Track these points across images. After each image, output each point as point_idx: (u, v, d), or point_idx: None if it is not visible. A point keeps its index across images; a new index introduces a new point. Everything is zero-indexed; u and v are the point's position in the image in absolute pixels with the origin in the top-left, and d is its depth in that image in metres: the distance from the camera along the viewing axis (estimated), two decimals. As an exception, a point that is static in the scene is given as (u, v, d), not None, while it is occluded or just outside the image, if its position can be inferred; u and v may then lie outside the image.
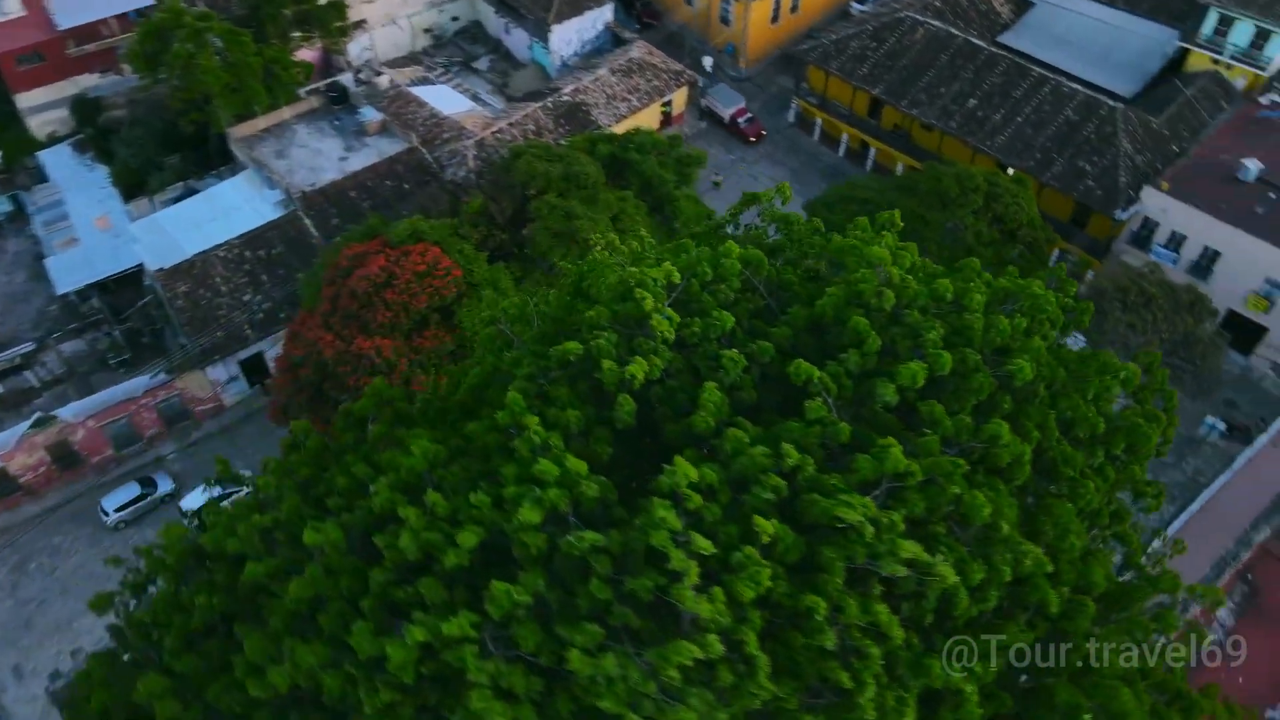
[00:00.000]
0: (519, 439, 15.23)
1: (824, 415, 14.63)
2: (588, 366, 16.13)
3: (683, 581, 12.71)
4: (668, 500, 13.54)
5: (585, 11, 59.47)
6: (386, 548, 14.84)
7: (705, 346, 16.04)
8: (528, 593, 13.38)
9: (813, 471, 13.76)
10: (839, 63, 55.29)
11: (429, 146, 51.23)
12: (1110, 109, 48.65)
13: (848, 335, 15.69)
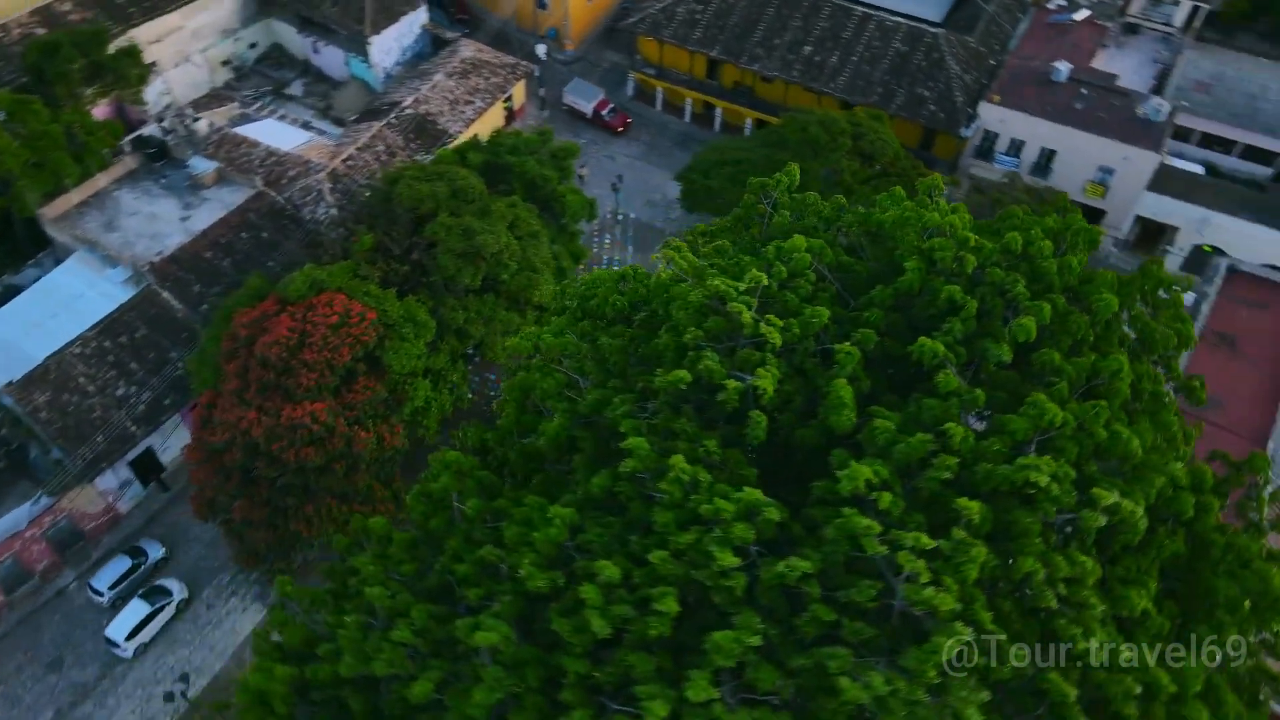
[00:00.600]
0: (665, 481, 14.65)
1: (957, 386, 15.02)
2: (691, 391, 15.69)
3: (916, 581, 12.76)
4: (852, 506, 13.49)
5: (400, 17, 56.72)
6: (576, 631, 13.91)
7: (805, 344, 15.97)
8: (754, 634, 13.01)
9: (973, 442, 14.14)
10: (671, 30, 55.70)
11: (277, 188, 47.59)
12: (933, 35, 51.81)
13: (940, 304, 16.13)
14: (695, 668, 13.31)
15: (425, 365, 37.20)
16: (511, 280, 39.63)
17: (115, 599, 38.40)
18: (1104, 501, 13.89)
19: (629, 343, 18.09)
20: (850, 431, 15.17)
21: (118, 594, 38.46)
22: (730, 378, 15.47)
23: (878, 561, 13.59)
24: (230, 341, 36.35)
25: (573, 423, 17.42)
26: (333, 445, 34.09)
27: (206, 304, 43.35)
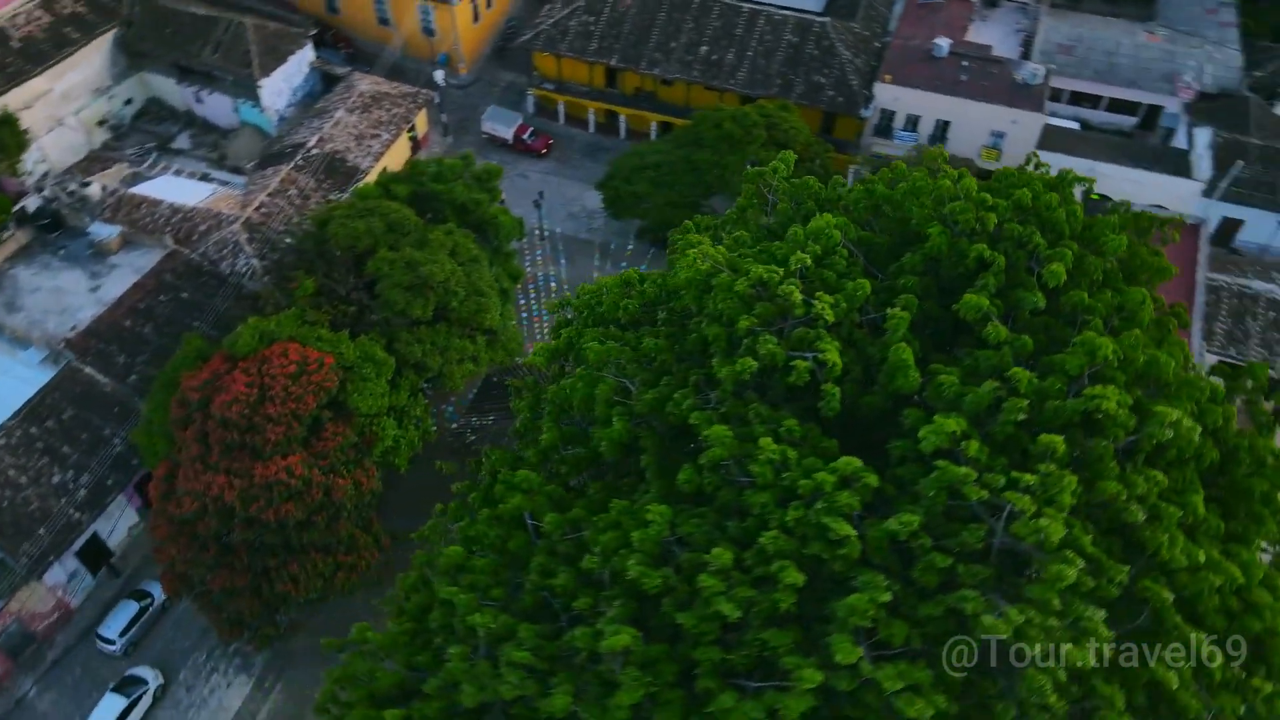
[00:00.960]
0: (756, 464, 15.06)
1: (1006, 335, 16.03)
2: (750, 376, 16.18)
3: (1023, 518, 13.57)
4: (942, 459, 14.25)
5: (288, 57, 55.23)
6: (702, 620, 14.11)
7: (851, 317, 16.69)
8: (884, 592, 13.55)
9: (1036, 383, 15.13)
10: (567, 43, 56.13)
11: (189, 245, 45.65)
12: (821, 24, 54.01)
13: (970, 263, 17.14)
14: (825, 636, 13.80)
15: (389, 403, 36.40)
16: (461, 307, 39.16)
17: (128, 645, 37.18)
18: (1169, 419, 15.21)
19: (668, 341, 18.46)
20: (914, 392, 16.01)
21: (130, 640, 37.24)
22: (792, 357, 16.07)
23: (973, 506, 14.39)
24: (181, 407, 34.71)
25: (631, 425, 17.64)
26: (311, 497, 33.03)
27: (135, 374, 41.24)
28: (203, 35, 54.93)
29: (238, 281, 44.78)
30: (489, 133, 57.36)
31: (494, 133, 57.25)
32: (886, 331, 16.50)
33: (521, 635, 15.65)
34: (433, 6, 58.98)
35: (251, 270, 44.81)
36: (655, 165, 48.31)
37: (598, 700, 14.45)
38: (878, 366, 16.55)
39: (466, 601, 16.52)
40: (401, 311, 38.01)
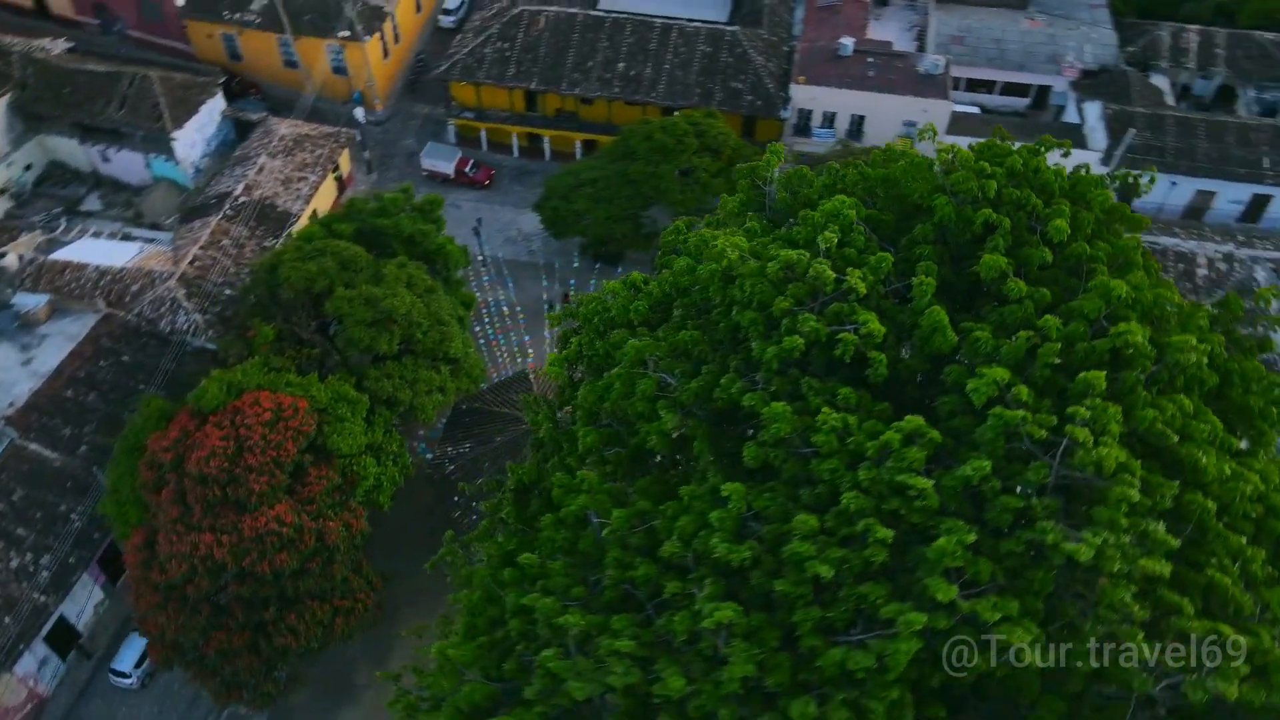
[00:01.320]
0: (820, 434, 15.82)
1: (1026, 290, 17.27)
2: (790, 355, 16.98)
3: (1081, 449, 14.67)
4: (996, 406, 15.32)
5: (200, 107, 53.94)
6: (796, 585, 14.69)
7: (877, 288, 17.67)
8: (968, 534, 14.43)
9: (1064, 328, 16.36)
10: (484, 71, 56.42)
11: (123, 307, 44.06)
12: (732, 33, 55.83)
13: (977, 229, 18.37)
14: (914, 584, 14.61)
15: (367, 441, 35.91)
16: (425, 338, 38.95)
17: (144, 677, 36.91)
18: (1188, 346, 16.70)
19: (700, 332, 19.12)
20: (951, 351, 17.08)
21: (145, 671, 37.20)
22: (834, 331, 16.95)
23: (1029, 447, 15.50)
24: (151, 470, 33.55)
25: (679, 415, 18.19)
26: (304, 544, 32.34)
27: (85, 446, 39.57)
28: (105, 92, 53.11)
29: (180, 339, 43.40)
30: (430, 169, 57.01)
31: (435, 169, 56.95)
32: (913, 299, 17.57)
33: (616, 627, 15.96)
34: (343, 46, 58.41)
35: (194, 326, 43.53)
36: (591, 181, 49.01)
37: (706, 676, 14.91)
38: (909, 332, 17.59)
39: (550, 605, 16.70)
40: (368, 348, 37.62)
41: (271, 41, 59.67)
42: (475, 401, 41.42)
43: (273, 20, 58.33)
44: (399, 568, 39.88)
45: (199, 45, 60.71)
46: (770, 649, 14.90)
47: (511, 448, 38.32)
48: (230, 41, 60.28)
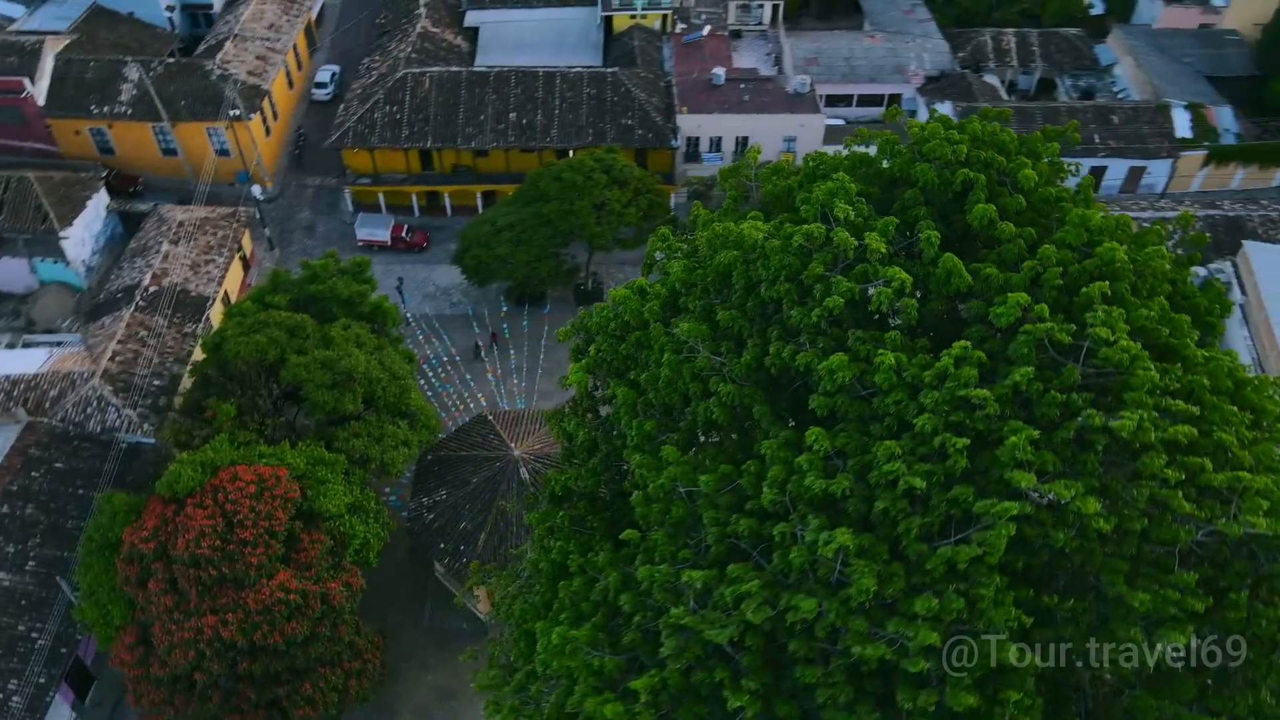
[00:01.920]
0: (877, 374, 17.92)
1: (1014, 230, 20.03)
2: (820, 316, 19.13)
3: (1103, 348, 17.29)
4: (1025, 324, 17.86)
5: (86, 203, 52.10)
6: (894, 502, 16.52)
7: (889, 249, 20.04)
8: (1031, 430, 16.69)
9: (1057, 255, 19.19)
10: (377, 136, 57.06)
11: (44, 414, 42.02)
12: (612, 74, 58.81)
13: (956, 187, 21.12)
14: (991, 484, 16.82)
15: (349, 501, 35.72)
16: (385, 393, 39.19)
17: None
18: (1160, 256, 19.89)
19: (737, 311, 20.99)
20: (967, 290, 19.61)
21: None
22: (864, 289, 19.19)
23: (1054, 355, 18.10)
24: (132, 565, 32.35)
25: (736, 386, 19.88)
26: (312, 609, 31.88)
27: (34, 560, 37.47)
28: (-20, 199, 50.56)
29: (110, 438, 41.75)
30: (367, 239, 56.96)
31: (372, 238, 56.97)
32: (921, 253, 20.07)
33: (733, 575, 17.36)
34: (226, 127, 57.75)
35: (128, 421, 41.98)
36: (509, 226, 50.36)
37: (833, 597, 16.52)
38: (924, 283, 20.04)
39: (664, 570, 17.87)
40: (332, 410, 37.52)
41: (146, 131, 58.33)
42: (439, 451, 41.65)
43: (146, 110, 57.12)
44: (392, 624, 39.51)
45: (65, 143, 58.58)
46: (883, 562, 16.75)
47: (489, 486, 38.82)
48: (100, 135, 58.47)
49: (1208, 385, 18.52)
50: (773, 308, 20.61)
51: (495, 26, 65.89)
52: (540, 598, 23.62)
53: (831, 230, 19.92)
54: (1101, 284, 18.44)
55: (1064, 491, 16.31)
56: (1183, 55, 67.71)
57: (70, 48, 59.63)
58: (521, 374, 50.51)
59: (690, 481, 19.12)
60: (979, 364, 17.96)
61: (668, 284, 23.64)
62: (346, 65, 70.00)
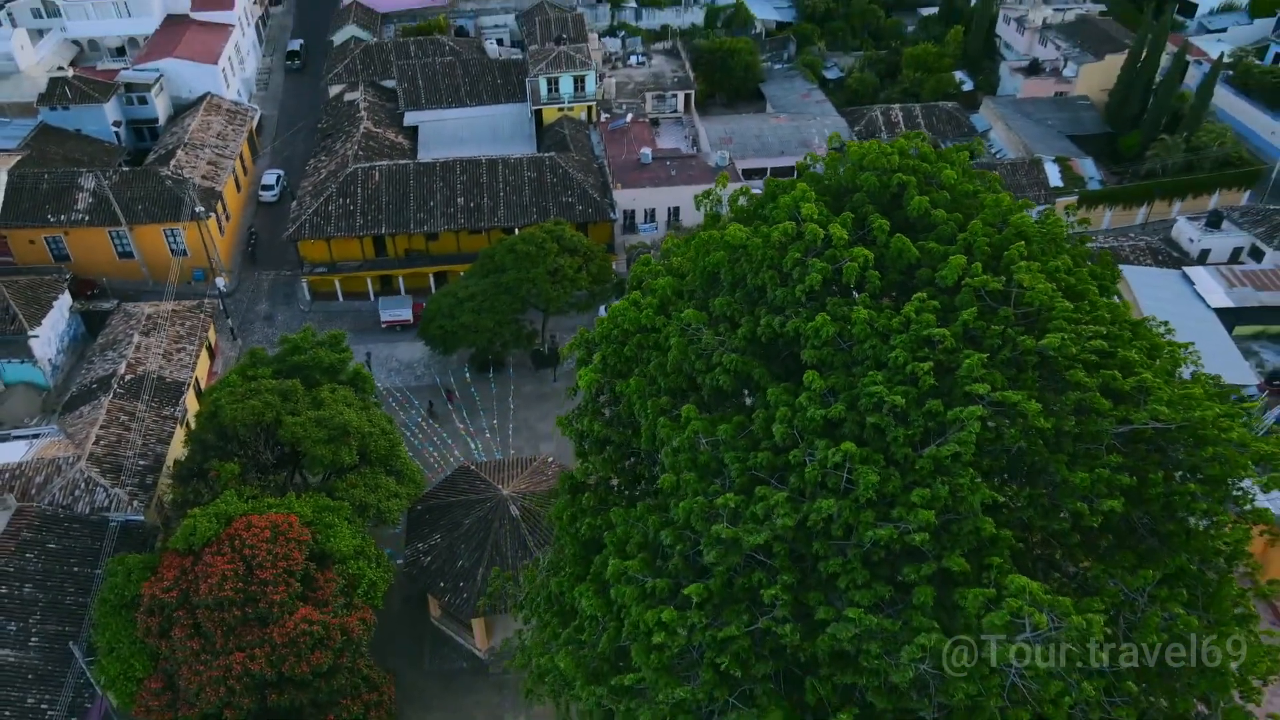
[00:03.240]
0: (855, 327, 22.11)
1: (946, 216, 24.71)
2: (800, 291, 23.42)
3: (1033, 285, 21.86)
4: (966, 292, 22.42)
5: (53, 304, 53.63)
6: (882, 418, 20.40)
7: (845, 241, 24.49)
8: (981, 354, 20.92)
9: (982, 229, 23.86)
10: (333, 226, 60.47)
11: (33, 498, 42.91)
12: (550, 158, 63.97)
13: (893, 188, 25.84)
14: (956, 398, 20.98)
15: (356, 545, 37.76)
16: (377, 447, 41.68)
17: None
18: (1063, 224, 24.84)
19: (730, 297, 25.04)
20: (915, 263, 24.09)
21: None
22: (835, 268, 23.49)
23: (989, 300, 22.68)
24: (153, 616, 33.68)
25: (737, 356, 23.68)
26: (333, 642, 33.62)
27: (36, 637, 37.99)
28: (-55, 306, 51.65)
29: (100, 518, 42.82)
30: (391, 321, 60.18)
31: (395, 319, 60.11)
32: (875, 239, 24.64)
33: (760, 494, 20.77)
34: (183, 228, 60.32)
35: (116, 500, 43.17)
36: (470, 296, 53.99)
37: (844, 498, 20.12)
38: (881, 260, 24.54)
39: (700, 504, 21.15)
40: (331, 463, 39.81)
41: (103, 236, 60.43)
42: (428, 501, 43.94)
43: (103, 215, 59.42)
44: (393, 668, 40.91)
45: (19, 252, 60.12)
46: (880, 466, 20.48)
47: (482, 525, 41.28)
48: (56, 243, 60.26)
49: (1109, 318, 23.39)
50: (758, 293, 24.83)
51: (433, 125, 70.81)
52: (570, 575, 26.56)
53: (802, 225, 24.39)
54: (1019, 245, 23.34)
55: (1012, 397, 20.62)
56: (1045, 119, 77.12)
57: (22, 163, 61.74)
58: (494, 431, 53.32)
59: (710, 432, 22.79)
60: (934, 310, 22.44)
61: (658, 295, 27.70)
62: (289, 169, 73.70)
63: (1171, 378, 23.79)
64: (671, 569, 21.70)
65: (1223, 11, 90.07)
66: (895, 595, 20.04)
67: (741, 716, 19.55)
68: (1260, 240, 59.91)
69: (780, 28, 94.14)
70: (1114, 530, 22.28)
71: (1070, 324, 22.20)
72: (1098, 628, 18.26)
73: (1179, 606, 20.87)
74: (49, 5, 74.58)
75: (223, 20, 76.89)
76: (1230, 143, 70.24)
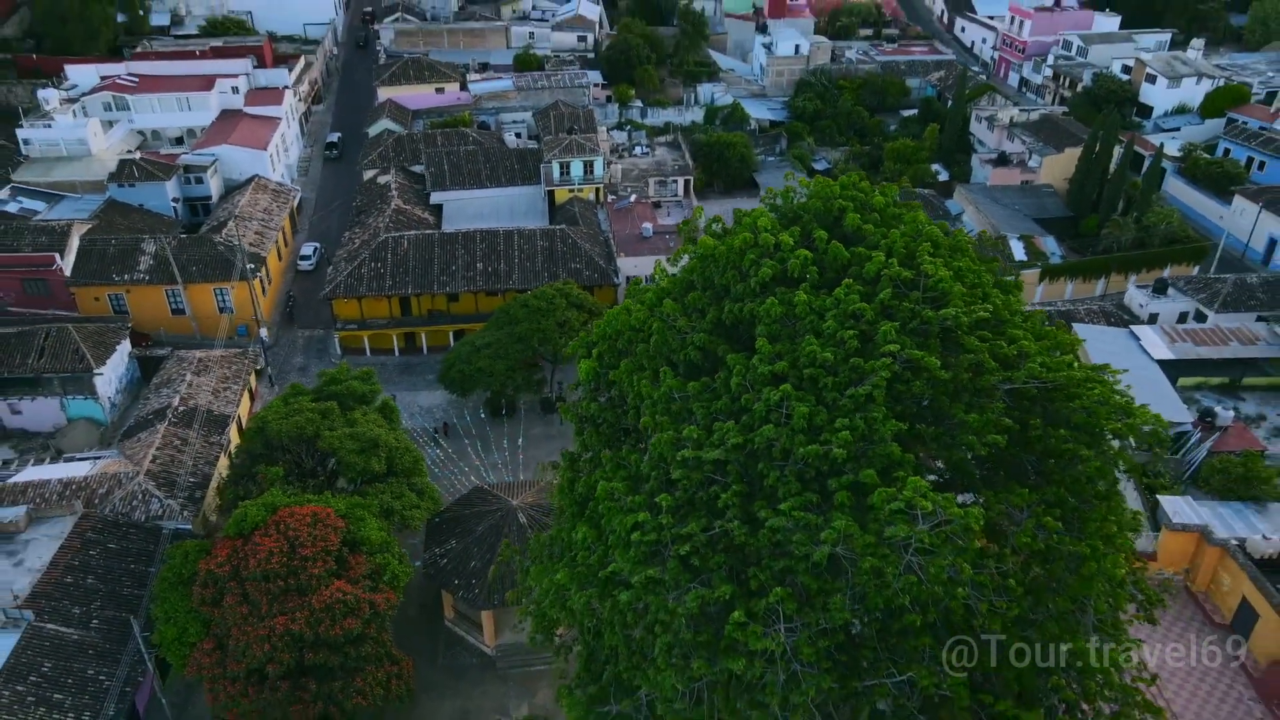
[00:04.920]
0: (798, 307, 28.16)
1: (871, 230, 31.02)
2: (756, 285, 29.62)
3: (937, 275, 27.91)
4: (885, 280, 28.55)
5: (116, 347, 60.13)
6: (818, 370, 26.20)
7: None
8: (895, 324, 26.82)
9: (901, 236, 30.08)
10: (365, 286, 67.45)
11: (96, 507, 48.38)
12: (561, 230, 71.32)
13: (835, 210, 32.21)
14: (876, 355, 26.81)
15: (382, 539, 42.91)
16: (403, 460, 47.27)
17: None
18: (963, 232, 30.97)
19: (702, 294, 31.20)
20: (846, 263, 30.24)
21: None
22: (783, 265, 29.67)
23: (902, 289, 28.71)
24: (207, 587, 38.72)
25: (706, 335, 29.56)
26: (363, 611, 38.48)
27: (96, 619, 42.90)
28: (22, 347, 58.21)
29: (154, 525, 48.16)
30: None
31: None
32: (816, 246, 30.89)
33: (717, 428, 26.30)
34: (231, 287, 67.41)
35: (169, 510, 48.57)
36: (487, 345, 60.30)
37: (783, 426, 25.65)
38: (820, 262, 30.68)
39: (671, 437, 26.59)
40: (363, 470, 45.35)
41: (159, 294, 67.48)
42: (445, 514, 49.15)
43: (161, 275, 66.60)
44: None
45: (85, 308, 67.02)
46: (812, 404, 25.98)
47: (493, 532, 46.39)
48: (118, 300, 67.26)
49: (1000, 304, 29.39)
50: (723, 290, 31.01)
51: (457, 203, 78.74)
52: (569, 520, 31.88)
53: (758, 235, 30.76)
54: (927, 245, 29.57)
55: (916, 354, 26.44)
56: (1012, 204, 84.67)
57: (91, 231, 69.44)
58: (505, 465, 58.76)
59: (681, 390, 28.58)
60: (859, 293, 28.52)
61: (645, 302, 33.91)
62: (324, 242, 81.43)
63: (1061, 356, 29.60)
64: (648, 490, 27.16)
65: (1176, 113, 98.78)
66: (821, 501, 25.44)
67: (699, 592, 24.67)
68: (1203, 305, 66.07)
69: (773, 125, 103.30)
70: (1005, 467, 27.73)
71: (964, 303, 28.21)
72: (974, 518, 23.56)
73: (1054, 522, 26.13)
74: (119, 100, 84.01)
75: (272, 114, 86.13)
76: (1177, 223, 77.34)
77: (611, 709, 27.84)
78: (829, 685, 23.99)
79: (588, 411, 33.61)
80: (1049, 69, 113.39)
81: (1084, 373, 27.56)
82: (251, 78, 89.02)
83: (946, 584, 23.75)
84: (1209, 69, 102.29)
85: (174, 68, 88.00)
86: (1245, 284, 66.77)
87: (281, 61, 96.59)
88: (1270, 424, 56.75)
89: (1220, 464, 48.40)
